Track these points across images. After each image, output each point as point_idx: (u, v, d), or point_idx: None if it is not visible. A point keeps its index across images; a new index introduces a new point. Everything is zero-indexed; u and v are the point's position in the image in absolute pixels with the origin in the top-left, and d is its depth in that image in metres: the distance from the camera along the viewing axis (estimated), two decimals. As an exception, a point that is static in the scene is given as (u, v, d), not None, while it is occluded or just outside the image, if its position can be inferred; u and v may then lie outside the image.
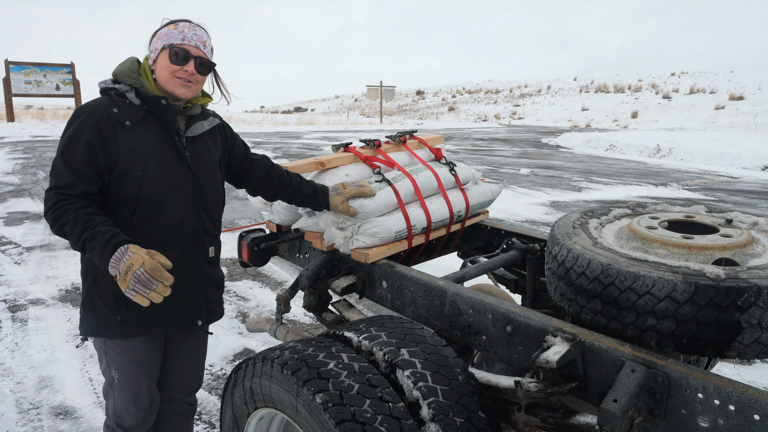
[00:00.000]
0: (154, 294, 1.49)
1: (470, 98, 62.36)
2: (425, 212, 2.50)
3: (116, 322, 1.79)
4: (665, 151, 17.58)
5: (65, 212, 1.59)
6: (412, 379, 1.54)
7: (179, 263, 1.82)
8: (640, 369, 1.42)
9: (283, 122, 37.71)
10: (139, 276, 1.48)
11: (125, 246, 1.53)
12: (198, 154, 1.88)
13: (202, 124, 1.90)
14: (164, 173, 1.77)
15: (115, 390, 1.93)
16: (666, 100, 45.01)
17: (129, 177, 1.71)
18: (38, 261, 5.58)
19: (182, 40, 1.78)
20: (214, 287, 1.99)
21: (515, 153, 18.49)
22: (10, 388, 3.15)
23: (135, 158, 1.72)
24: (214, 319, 2.02)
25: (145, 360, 1.92)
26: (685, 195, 10.35)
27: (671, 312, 1.51)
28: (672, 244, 1.72)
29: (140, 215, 1.75)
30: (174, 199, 1.80)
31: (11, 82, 24.81)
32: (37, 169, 12.18)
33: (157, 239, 1.78)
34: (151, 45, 1.82)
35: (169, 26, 1.80)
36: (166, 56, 1.77)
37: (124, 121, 1.72)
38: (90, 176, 1.66)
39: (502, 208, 8.36)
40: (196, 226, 1.88)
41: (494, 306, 1.81)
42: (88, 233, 1.56)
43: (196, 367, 2.13)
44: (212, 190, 1.93)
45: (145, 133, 1.75)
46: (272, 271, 5.34)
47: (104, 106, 1.72)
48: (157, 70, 1.79)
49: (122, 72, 1.78)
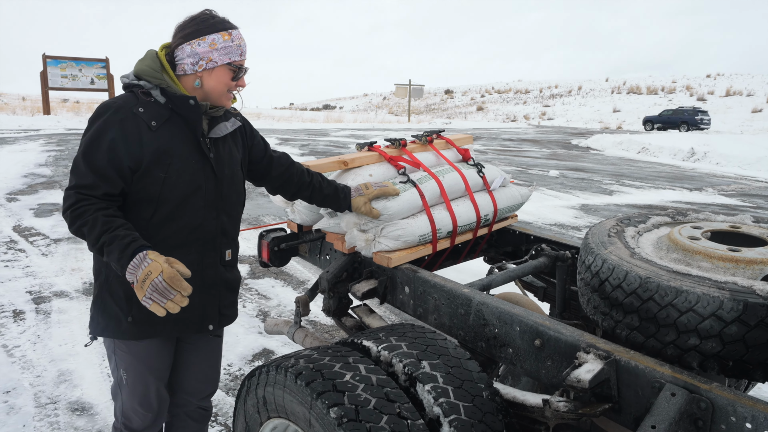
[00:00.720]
0: (171, 304, 1.44)
1: (499, 98, 61.87)
2: (451, 215, 2.40)
3: (127, 323, 1.73)
4: (700, 154, 17.14)
5: (84, 213, 1.55)
6: (433, 394, 1.45)
7: (195, 266, 1.76)
8: (681, 393, 1.31)
9: (311, 119, 37.90)
10: (156, 285, 1.42)
11: (144, 252, 1.48)
12: (220, 155, 1.82)
13: (225, 125, 1.82)
14: (187, 175, 1.71)
15: (124, 391, 1.89)
16: (701, 102, 44.02)
17: (152, 178, 1.66)
18: (65, 253, 5.63)
19: (241, 55, 1.75)
20: (228, 290, 1.92)
21: (544, 154, 18.22)
22: (30, 381, 3.15)
23: (159, 159, 1.65)
24: (226, 323, 1.95)
25: (154, 361, 1.87)
26: (721, 200, 10.03)
27: (716, 332, 1.39)
28: (717, 257, 1.59)
29: (160, 216, 1.70)
30: (195, 201, 1.74)
31: (48, 76, 25.40)
32: (69, 161, 12.37)
33: (174, 241, 1.73)
34: (196, 49, 1.68)
35: (223, 35, 1.70)
36: (226, 73, 1.73)
37: (150, 121, 1.65)
38: (112, 177, 1.60)
39: (530, 211, 8.20)
40: (215, 228, 1.81)
41: (522, 317, 1.70)
42: (106, 237, 1.51)
43: (210, 372, 2.07)
44: (233, 192, 1.87)
45: (170, 133, 1.69)
46: (295, 270, 5.29)
47: (130, 105, 1.65)
48: (210, 82, 1.73)
49: (145, 71, 1.70)
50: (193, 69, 1.71)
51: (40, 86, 25.66)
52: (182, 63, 1.71)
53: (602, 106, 49.13)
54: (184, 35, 1.70)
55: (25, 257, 5.47)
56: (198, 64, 1.70)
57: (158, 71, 1.70)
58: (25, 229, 6.53)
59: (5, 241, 6.02)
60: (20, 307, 4.23)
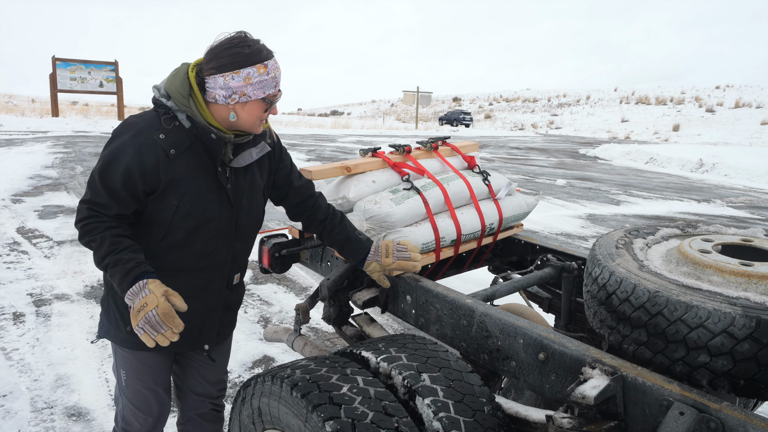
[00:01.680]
0: (162, 337, 1.45)
1: (507, 106, 61.89)
2: (455, 223, 2.36)
3: (125, 332, 1.73)
4: (708, 165, 17.03)
5: (94, 230, 1.57)
6: (433, 408, 1.41)
7: (199, 291, 1.75)
8: (690, 412, 1.25)
9: (318, 125, 37.99)
10: (149, 318, 1.44)
11: (144, 281, 1.48)
12: (240, 185, 1.76)
13: (251, 153, 1.76)
14: (201, 205, 1.67)
15: (123, 393, 1.89)
16: (709, 114, 43.85)
17: (165, 204, 1.63)
18: (67, 255, 5.61)
19: (275, 87, 1.66)
20: (228, 311, 1.91)
21: (551, 163, 18.15)
22: (27, 385, 3.11)
23: (174, 187, 1.62)
24: (221, 341, 1.95)
25: (152, 363, 1.85)
26: (730, 212, 9.94)
27: (728, 349, 1.33)
28: (729, 271, 1.54)
29: (170, 241, 1.67)
30: (207, 231, 1.70)
31: (57, 79, 25.54)
32: (76, 163, 12.42)
33: (182, 265, 1.71)
34: (230, 84, 1.59)
35: (259, 69, 1.60)
36: (261, 107, 1.65)
37: (170, 149, 1.60)
38: (125, 200, 1.60)
39: (536, 220, 8.14)
40: (226, 256, 1.78)
41: (526, 330, 1.66)
42: (111, 258, 1.52)
43: (219, 373, 2.04)
44: (250, 220, 1.83)
45: (189, 162, 1.64)
46: (298, 276, 5.26)
47: (151, 130, 1.60)
48: (242, 115, 1.65)
49: (173, 92, 1.63)
50: (225, 101, 1.62)
51: (50, 88, 25.81)
52: (213, 92, 1.62)
53: (610, 115, 49.02)
54: (217, 66, 1.59)
55: (28, 259, 5.45)
56: (231, 98, 1.62)
57: (185, 96, 1.62)
58: (29, 231, 6.53)
59: (8, 242, 6.01)
60: (21, 309, 4.20)
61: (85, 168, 11.71)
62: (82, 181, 10.06)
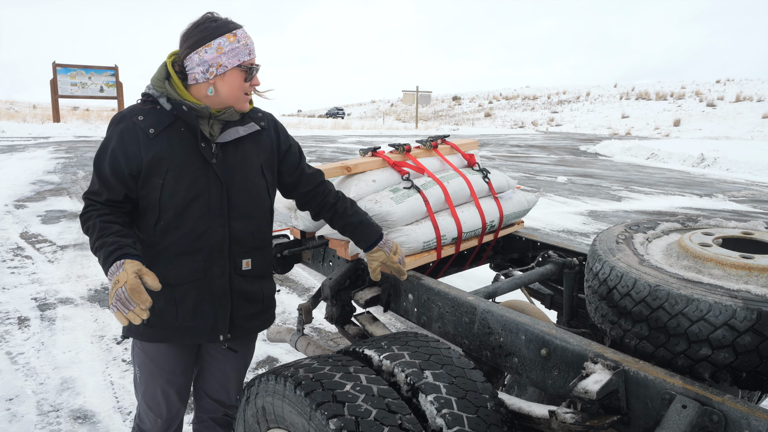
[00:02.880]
0: (132, 314, 1.47)
1: (507, 104, 61.84)
2: (456, 221, 2.36)
3: (143, 325, 1.72)
4: (710, 160, 17.00)
5: (89, 218, 1.66)
6: (436, 405, 1.41)
7: (200, 274, 1.75)
8: (692, 405, 1.26)
9: (318, 126, 37.99)
10: (119, 295, 1.47)
11: (122, 261, 1.52)
12: (230, 161, 1.76)
13: (237, 129, 1.78)
14: (185, 181, 1.68)
15: (138, 389, 1.93)
16: (710, 108, 43.76)
17: (151, 185, 1.67)
18: (71, 260, 5.63)
19: (249, 54, 1.72)
20: (246, 302, 1.86)
21: (552, 160, 18.14)
22: (33, 388, 3.13)
23: (157, 166, 1.66)
24: (242, 334, 1.89)
25: (166, 364, 1.86)
26: (732, 206, 9.93)
27: (729, 342, 1.34)
28: (729, 264, 1.55)
29: (163, 223, 1.70)
30: (197, 208, 1.71)
31: (58, 84, 25.60)
32: (78, 168, 12.45)
33: (179, 248, 1.72)
34: (204, 57, 1.66)
35: (228, 38, 1.67)
36: (239, 76, 1.71)
37: (148, 129, 1.66)
38: (113, 185, 1.67)
39: (537, 217, 8.14)
40: (222, 236, 1.76)
41: (528, 326, 1.66)
42: (98, 242, 1.59)
43: (236, 379, 2.04)
44: (247, 198, 1.80)
45: (169, 140, 1.68)
46: (300, 276, 5.26)
47: (132, 115, 1.69)
48: (224, 88, 1.70)
49: (154, 80, 1.72)
50: (204, 77, 1.69)
51: (50, 94, 25.86)
52: (193, 72, 1.69)
53: (611, 112, 48.96)
54: (189, 45, 1.68)
55: (32, 264, 5.47)
56: (209, 72, 1.68)
57: (162, 80, 1.70)
58: (32, 236, 6.55)
59: (12, 247, 6.03)
60: (25, 314, 4.22)
61: (86, 173, 11.73)
62: (84, 186, 10.08)
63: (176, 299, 1.73)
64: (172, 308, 1.74)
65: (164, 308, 1.73)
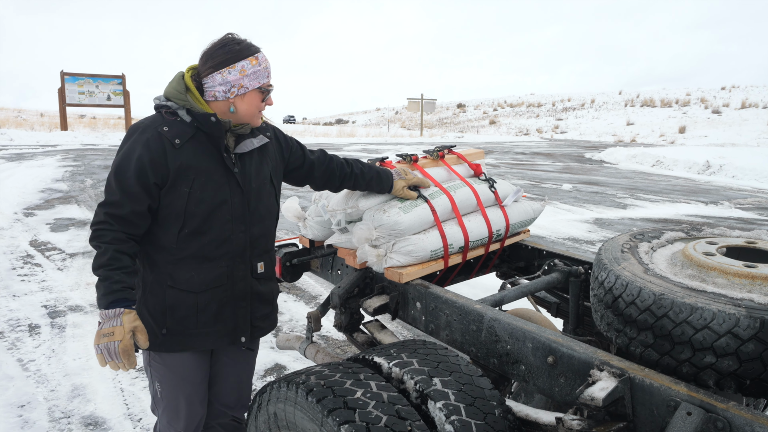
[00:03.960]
0: (113, 364, 1.57)
1: (512, 111, 61.87)
2: (463, 230, 2.39)
3: (161, 335, 1.79)
4: (715, 167, 16.97)
5: (101, 236, 1.66)
6: (445, 411, 1.44)
7: (224, 279, 1.83)
8: (697, 412, 1.28)
9: (324, 134, 38.12)
10: (110, 347, 1.55)
11: (120, 311, 1.59)
12: (247, 170, 1.87)
13: (252, 141, 1.88)
14: (211, 189, 1.77)
15: (159, 405, 1.94)
16: (716, 115, 43.68)
17: (178, 193, 1.73)
18: (80, 267, 5.68)
19: (268, 77, 1.83)
20: (261, 303, 1.97)
21: (557, 168, 18.15)
22: (44, 395, 3.17)
23: (184, 175, 1.73)
24: (259, 334, 2.00)
25: (188, 374, 1.90)
26: (737, 214, 9.92)
27: (733, 349, 1.36)
28: (733, 273, 1.57)
29: (188, 230, 1.76)
30: (222, 215, 1.80)
31: (66, 93, 25.82)
32: (85, 176, 12.54)
33: (204, 253, 1.79)
34: (228, 78, 1.74)
35: (251, 61, 1.77)
36: (257, 97, 1.81)
37: (174, 139, 1.72)
38: (139, 195, 1.69)
39: (543, 225, 8.15)
40: (244, 241, 1.86)
41: (535, 334, 1.69)
42: (104, 272, 1.62)
43: (245, 383, 2.11)
44: (262, 205, 1.92)
45: (194, 150, 1.75)
46: (307, 285, 5.30)
47: (155, 125, 1.74)
48: (242, 107, 1.80)
49: (171, 93, 1.77)
50: (225, 96, 1.77)
51: (58, 103, 26.08)
52: (213, 90, 1.77)
53: (615, 119, 48.93)
54: (213, 64, 1.75)
55: (41, 272, 5.53)
56: (230, 92, 1.77)
57: (183, 93, 1.76)
58: (42, 244, 6.61)
59: (22, 255, 6.09)
60: (36, 321, 4.27)
61: (94, 181, 11.83)
62: (93, 194, 10.16)
63: (199, 306, 1.79)
64: (193, 315, 1.79)
65: (186, 315, 1.78)
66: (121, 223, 1.67)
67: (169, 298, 1.77)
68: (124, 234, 1.67)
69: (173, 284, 1.77)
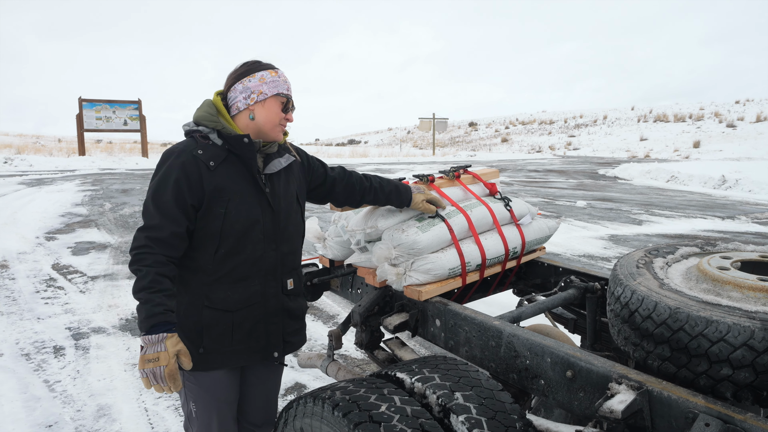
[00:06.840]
0: (159, 387, 1.61)
1: (523, 129, 61.88)
2: (480, 249, 2.44)
3: (198, 354, 1.83)
4: (731, 182, 16.84)
5: (142, 260, 1.69)
6: (467, 425, 1.48)
7: (258, 296, 1.90)
8: (715, 423, 1.31)
9: (336, 154, 38.40)
10: (156, 372, 1.59)
11: (164, 336, 1.62)
12: (276, 190, 1.94)
13: (279, 161, 1.96)
14: (245, 209, 1.84)
15: (194, 424, 1.98)
16: (730, 129, 43.36)
17: (213, 214, 1.80)
18: (101, 290, 5.78)
19: (287, 89, 1.91)
20: (291, 319, 2.02)
21: (571, 185, 18.12)
22: (71, 415, 3.23)
23: (219, 196, 1.80)
24: (290, 350, 2.05)
25: (222, 393, 1.95)
26: (755, 229, 9.83)
27: (749, 361, 1.40)
28: (747, 286, 1.61)
29: (223, 250, 1.83)
30: (255, 234, 1.87)
31: (83, 118, 26.33)
32: (104, 200, 12.76)
33: (238, 273, 1.86)
34: (248, 85, 1.85)
35: (271, 72, 1.87)
36: (277, 104, 1.88)
37: (208, 161, 1.79)
38: (177, 217, 1.74)
39: (558, 242, 8.15)
40: (275, 259, 1.93)
41: (553, 349, 1.73)
42: (145, 294, 1.64)
43: (272, 400, 2.16)
44: (290, 224, 2.00)
45: (228, 171, 1.83)
46: (325, 305, 5.35)
47: (190, 149, 1.80)
48: (262, 114, 1.87)
49: (202, 117, 1.85)
50: (245, 103, 1.85)
51: (76, 128, 26.61)
52: (235, 101, 1.86)
53: (629, 134, 48.77)
54: (235, 76, 1.87)
55: (64, 294, 5.63)
56: (250, 98, 1.85)
57: (214, 115, 1.84)
58: (64, 267, 6.74)
59: (45, 279, 6.21)
60: (60, 343, 4.35)
61: (113, 204, 12.03)
62: (112, 218, 10.33)
63: (234, 324, 1.85)
64: (228, 333, 1.85)
65: (222, 334, 1.84)
66: (162, 246, 1.71)
67: (205, 318, 1.83)
68: (164, 257, 1.71)
69: (210, 304, 1.83)
